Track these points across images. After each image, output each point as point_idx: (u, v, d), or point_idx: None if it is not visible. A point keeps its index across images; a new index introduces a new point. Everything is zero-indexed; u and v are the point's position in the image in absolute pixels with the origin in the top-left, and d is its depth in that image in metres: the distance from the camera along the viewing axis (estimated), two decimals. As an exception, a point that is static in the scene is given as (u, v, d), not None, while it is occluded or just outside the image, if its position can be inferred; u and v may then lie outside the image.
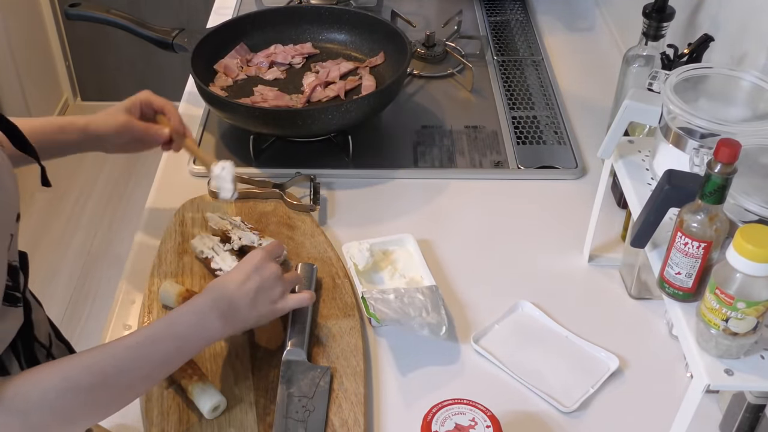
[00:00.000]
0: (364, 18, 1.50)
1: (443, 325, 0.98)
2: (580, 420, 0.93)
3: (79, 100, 3.34)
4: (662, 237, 0.87)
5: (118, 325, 1.05)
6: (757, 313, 0.72)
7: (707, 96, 0.94)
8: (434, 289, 1.04)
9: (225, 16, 1.71)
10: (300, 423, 0.89)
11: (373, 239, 1.13)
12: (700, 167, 0.85)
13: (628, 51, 1.23)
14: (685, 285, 0.80)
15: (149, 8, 3.03)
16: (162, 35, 1.40)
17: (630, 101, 0.96)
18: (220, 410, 0.90)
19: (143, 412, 0.91)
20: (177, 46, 1.39)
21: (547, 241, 1.18)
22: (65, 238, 2.68)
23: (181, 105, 1.48)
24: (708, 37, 1.12)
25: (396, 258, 1.12)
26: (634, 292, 1.08)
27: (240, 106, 1.29)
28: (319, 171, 1.28)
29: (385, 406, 0.94)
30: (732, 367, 0.75)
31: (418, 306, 1.00)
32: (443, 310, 1.01)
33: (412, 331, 0.98)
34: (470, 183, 1.29)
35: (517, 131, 1.40)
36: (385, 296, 1.01)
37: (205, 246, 1.09)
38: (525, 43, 1.69)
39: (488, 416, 0.80)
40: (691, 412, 0.77)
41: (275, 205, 1.21)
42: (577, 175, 1.31)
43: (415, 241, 1.13)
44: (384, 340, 1.02)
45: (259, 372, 0.96)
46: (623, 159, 1.00)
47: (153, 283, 1.07)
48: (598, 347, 1.00)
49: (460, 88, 1.53)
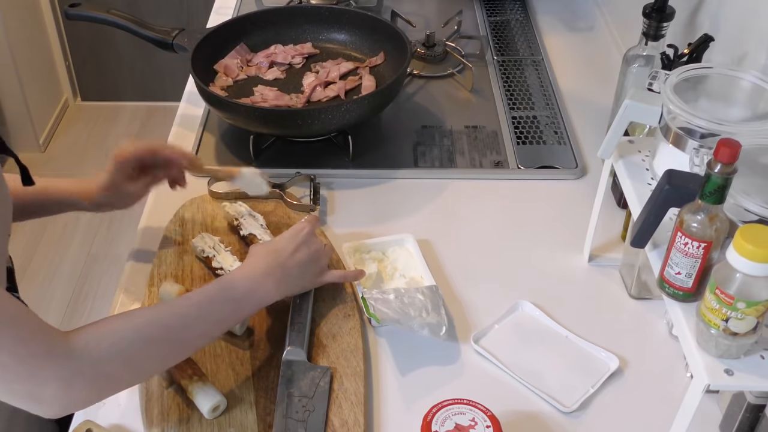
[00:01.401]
0: (364, 18, 1.50)
1: (443, 326, 0.98)
2: (580, 420, 0.93)
3: (79, 100, 3.34)
4: (662, 237, 0.87)
5: (118, 325, 1.04)
6: (757, 313, 0.72)
7: (707, 96, 0.94)
8: (434, 289, 1.04)
9: (225, 16, 1.71)
10: (300, 423, 0.89)
11: (373, 239, 1.13)
12: (700, 167, 0.85)
13: (628, 51, 1.23)
14: (685, 285, 0.80)
15: (149, 8, 3.03)
16: (162, 35, 1.40)
17: (630, 101, 0.96)
18: (220, 410, 0.90)
19: (143, 412, 0.91)
20: (177, 46, 1.39)
21: (547, 241, 1.18)
22: (65, 238, 2.68)
23: (181, 105, 1.48)
24: (708, 37, 1.12)
25: (396, 258, 1.12)
26: (634, 292, 1.08)
27: (240, 106, 1.29)
28: (319, 171, 1.28)
29: (385, 406, 0.94)
30: (732, 367, 0.75)
31: (418, 306, 1.00)
32: (443, 310, 1.01)
33: (412, 332, 0.98)
34: (470, 183, 1.29)
35: (517, 131, 1.40)
36: (385, 296, 1.01)
37: (205, 245, 1.09)
38: (525, 43, 1.69)
39: (488, 416, 0.80)
40: (691, 412, 0.77)
41: (275, 205, 1.21)
42: (577, 175, 1.31)
43: (415, 241, 1.13)
44: (384, 340, 1.02)
45: (259, 372, 0.96)
46: (623, 159, 1.00)
47: (153, 283, 1.07)
48: (598, 347, 1.00)
49: (460, 88, 1.53)
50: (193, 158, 1.07)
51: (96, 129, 3.20)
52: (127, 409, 0.93)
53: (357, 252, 1.12)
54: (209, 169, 1.16)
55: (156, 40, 1.40)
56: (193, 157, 1.08)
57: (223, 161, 1.33)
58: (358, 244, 1.12)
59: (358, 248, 1.12)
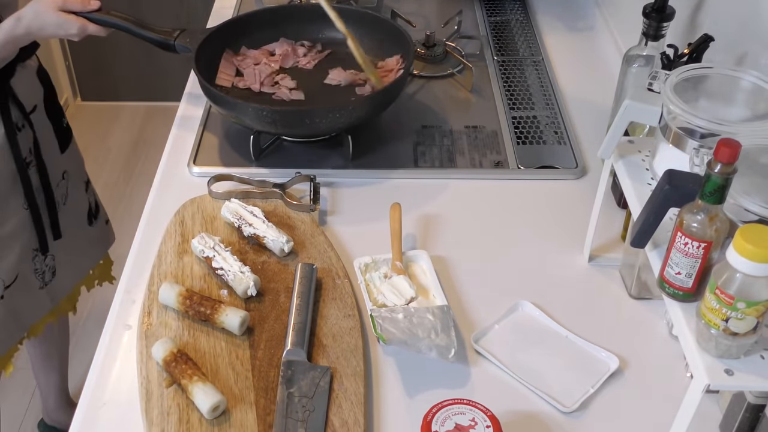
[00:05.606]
0: (363, 16, 1.50)
1: (452, 348, 0.95)
2: (580, 420, 0.93)
3: (79, 100, 3.34)
4: (662, 237, 0.87)
5: (118, 325, 1.05)
6: (757, 313, 0.72)
7: (707, 96, 0.94)
8: (445, 309, 1.00)
9: (225, 17, 1.71)
10: (300, 423, 0.89)
11: (385, 255, 1.10)
12: (700, 167, 0.85)
13: (628, 51, 1.23)
14: (685, 285, 0.80)
15: (149, 9, 3.04)
16: (164, 36, 1.40)
17: (630, 101, 0.96)
18: (220, 410, 0.90)
19: (143, 412, 0.91)
20: (179, 46, 1.39)
21: (547, 241, 1.18)
22: (65, 238, 2.68)
23: (181, 105, 1.48)
24: (708, 37, 1.11)
25: (409, 274, 1.09)
26: (634, 292, 1.08)
27: (246, 105, 1.29)
28: (319, 171, 1.28)
29: (385, 406, 0.94)
30: (732, 367, 0.75)
31: (428, 327, 0.97)
32: (453, 332, 0.97)
33: (420, 353, 0.96)
34: (470, 183, 1.30)
35: (517, 131, 1.40)
36: (394, 315, 0.98)
37: (205, 245, 1.09)
38: (525, 43, 1.69)
39: (488, 416, 0.80)
40: (691, 412, 0.77)
41: (275, 205, 1.21)
42: (577, 175, 1.31)
43: (428, 258, 1.11)
44: (384, 340, 1.02)
45: (259, 372, 0.96)
46: (623, 159, 1.00)
47: (153, 283, 1.07)
48: (598, 347, 1.00)
49: (460, 88, 1.53)
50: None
51: (96, 129, 3.20)
52: (127, 409, 0.93)
53: (368, 269, 1.10)
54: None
55: (158, 41, 1.39)
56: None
57: (224, 161, 1.33)
58: (369, 260, 1.10)
59: (370, 265, 1.10)
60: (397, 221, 1.14)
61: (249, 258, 1.11)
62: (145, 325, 1.02)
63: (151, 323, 1.02)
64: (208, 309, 1.00)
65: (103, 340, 1.03)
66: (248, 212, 1.15)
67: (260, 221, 1.13)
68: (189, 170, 1.31)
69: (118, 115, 3.28)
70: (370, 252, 1.11)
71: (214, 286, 1.07)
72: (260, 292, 1.06)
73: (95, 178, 2.98)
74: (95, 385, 0.97)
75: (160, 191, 1.27)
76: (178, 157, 1.33)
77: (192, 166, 1.31)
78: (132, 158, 3.05)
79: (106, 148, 3.10)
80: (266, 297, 1.06)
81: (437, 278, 1.08)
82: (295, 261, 1.11)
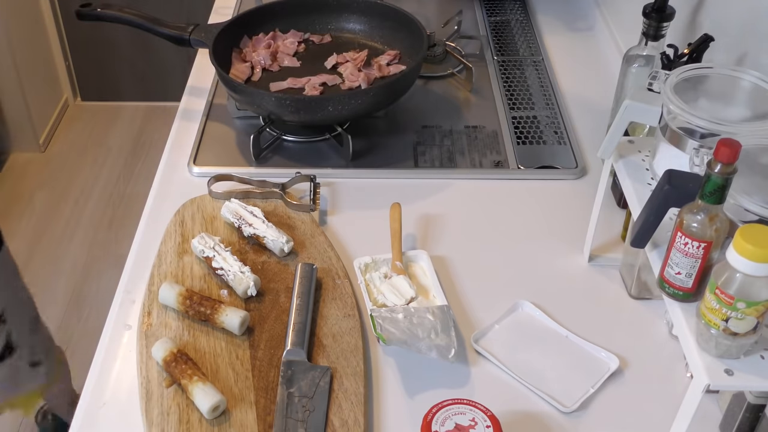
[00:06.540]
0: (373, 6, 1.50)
1: (452, 348, 0.95)
2: (580, 420, 0.93)
3: (79, 100, 3.34)
4: (662, 237, 0.87)
5: (118, 325, 1.05)
6: (757, 313, 0.72)
7: (707, 96, 0.94)
8: (446, 309, 1.00)
9: (225, 16, 1.72)
10: (300, 423, 0.89)
11: (385, 255, 1.10)
12: (700, 167, 0.85)
13: (628, 51, 1.23)
14: (685, 285, 0.80)
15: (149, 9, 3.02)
16: (178, 32, 1.40)
17: (630, 101, 0.96)
18: (220, 410, 0.90)
19: (143, 412, 0.91)
20: (194, 41, 1.39)
21: (547, 241, 1.18)
22: (65, 238, 2.69)
23: (181, 105, 1.48)
24: (708, 37, 1.12)
25: (409, 275, 1.09)
26: (634, 292, 1.08)
27: (268, 94, 1.31)
28: (319, 171, 1.28)
29: (385, 406, 0.94)
30: (732, 367, 0.75)
31: (428, 327, 0.97)
32: (454, 332, 0.97)
33: (420, 353, 0.96)
34: (470, 183, 1.30)
35: (517, 131, 1.40)
36: (394, 315, 0.98)
37: (205, 246, 1.09)
38: (525, 43, 1.69)
39: (488, 416, 0.80)
40: (691, 412, 0.77)
41: (275, 205, 1.21)
42: (577, 175, 1.31)
43: (428, 258, 1.11)
44: (384, 340, 1.02)
45: (259, 372, 0.96)
46: (623, 159, 1.00)
47: (153, 283, 1.07)
48: (598, 347, 1.00)
49: (460, 88, 1.53)
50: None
51: (96, 129, 3.21)
52: (127, 409, 0.93)
53: (368, 269, 1.10)
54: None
55: (172, 37, 1.39)
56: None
57: (224, 161, 1.32)
58: (369, 260, 1.10)
59: (370, 265, 1.10)
60: (397, 221, 1.14)
61: (249, 258, 1.11)
62: (145, 325, 1.02)
63: (151, 323, 1.02)
64: (208, 309, 1.00)
65: (103, 340, 1.03)
66: (248, 212, 1.15)
67: (260, 221, 1.13)
68: (189, 170, 1.31)
69: (118, 115, 3.28)
70: (370, 252, 1.12)
71: (214, 286, 1.07)
72: (260, 292, 1.06)
73: (95, 179, 3.00)
74: (95, 385, 0.97)
75: (160, 191, 1.27)
76: (178, 157, 1.34)
77: (192, 166, 1.31)
78: (132, 158, 3.05)
79: (106, 148, 3.10)
80: (266, 297, 1.06)
81: (437, 278, 1.08)
82: (295, 261, 1.11)
